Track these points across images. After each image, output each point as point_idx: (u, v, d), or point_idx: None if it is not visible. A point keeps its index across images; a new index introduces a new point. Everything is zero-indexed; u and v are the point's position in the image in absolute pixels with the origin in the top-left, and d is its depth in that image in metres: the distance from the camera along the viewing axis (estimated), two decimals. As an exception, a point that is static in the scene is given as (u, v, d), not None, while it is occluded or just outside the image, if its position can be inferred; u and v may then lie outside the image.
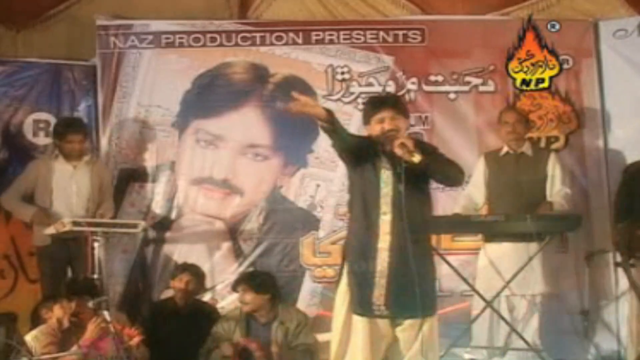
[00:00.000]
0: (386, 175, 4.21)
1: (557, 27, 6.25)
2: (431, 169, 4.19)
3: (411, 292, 4.04)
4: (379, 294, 4.16)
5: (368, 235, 4.20)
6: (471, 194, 5.79)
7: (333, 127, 4.02)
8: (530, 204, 5.51)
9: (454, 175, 4.30)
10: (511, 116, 5.79)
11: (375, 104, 4.35)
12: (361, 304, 4.19)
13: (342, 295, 4.27)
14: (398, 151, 4.05)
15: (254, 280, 5.39)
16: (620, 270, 5.70)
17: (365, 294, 4.18)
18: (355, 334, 4.20)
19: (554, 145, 6.21)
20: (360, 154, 4.22)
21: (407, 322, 4.19)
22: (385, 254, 4.16)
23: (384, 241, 4.17)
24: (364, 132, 4.38)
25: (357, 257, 4.23)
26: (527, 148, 5.75)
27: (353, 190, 4.32)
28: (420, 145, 4.20)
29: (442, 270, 5.94)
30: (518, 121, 5.75)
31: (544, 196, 5.60)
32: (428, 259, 4.29)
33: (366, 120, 4.32)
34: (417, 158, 4.05)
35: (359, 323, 4.19)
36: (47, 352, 4.83)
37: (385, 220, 4.18)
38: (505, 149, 5.76)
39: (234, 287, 5.52)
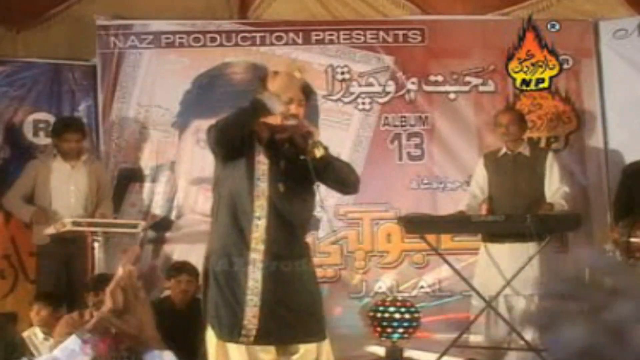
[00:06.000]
0: (261, 171, 3.57)
1: (557, 27, 6.25)
2: (330, 168, 3.56)
3: (294, 313, 3.54)
4: (251, 316, 3.49)
5: (238, 244, 3.56)
6: (476, 193, 5.79)
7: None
8: (529, 204, 5.51)
9: (351, 181, 3.71)
10: (505, 117, 5.78)
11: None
12: (230, 329, 3.52)
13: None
14: (299, 140, 3.48)
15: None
16: (620, 271, 5.70)
17: (236, 315, 3.51)
18: None
19: (554, 145, 6.21)
20: (237, 144, 3.58)
21: (302, 349, 3.56)
22: (259, 266, 3.52)
23: (256, 251, 3.53)
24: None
25: (225, 271, 3.56)
26: (524, 148, 5.75)
27: (220, 191, 3.69)
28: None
29: (442, 271, 5.99)
30: (512, 122, 5.73)
31: (543, 195, 5.60)
32: (311, 275, 3.71)
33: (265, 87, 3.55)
34: (320, 152, 3.49)
35: (235, 351, 3.51)
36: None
37: (259, 226, 3.53)
38: (504, 149, 5.76)
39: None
